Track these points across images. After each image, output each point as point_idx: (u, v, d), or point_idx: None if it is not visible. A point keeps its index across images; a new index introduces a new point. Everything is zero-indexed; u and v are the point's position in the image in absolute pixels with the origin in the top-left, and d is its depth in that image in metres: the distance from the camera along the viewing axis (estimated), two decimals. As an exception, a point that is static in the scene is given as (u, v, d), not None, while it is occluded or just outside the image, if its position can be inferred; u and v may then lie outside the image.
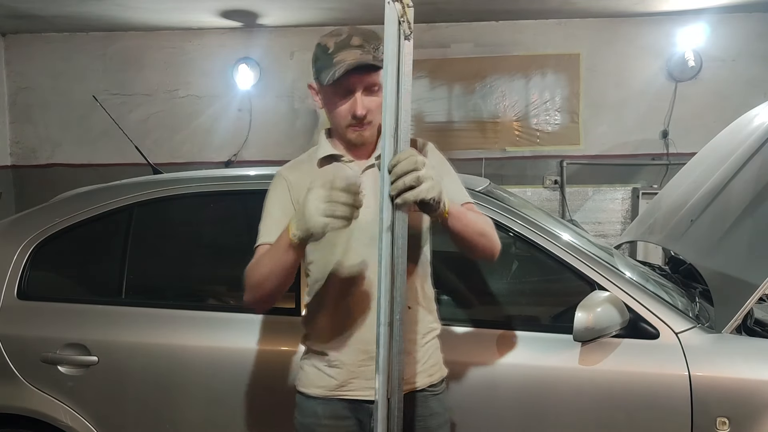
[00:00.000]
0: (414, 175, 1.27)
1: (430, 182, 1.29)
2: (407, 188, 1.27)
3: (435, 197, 1.31)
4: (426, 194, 1.29)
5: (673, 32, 5.63)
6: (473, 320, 2.16)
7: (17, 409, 2.18)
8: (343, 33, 1.51)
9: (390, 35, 1.25)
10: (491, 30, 5.83)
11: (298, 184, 1.57)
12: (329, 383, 1.60)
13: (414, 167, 1.28)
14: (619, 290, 2.00)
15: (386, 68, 1.28)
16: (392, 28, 1.25)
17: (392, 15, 1.24)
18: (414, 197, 1.28)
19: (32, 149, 6.17)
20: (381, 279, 1.31)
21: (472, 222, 1.52)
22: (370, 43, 1.50)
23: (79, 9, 5.14)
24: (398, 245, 1.31)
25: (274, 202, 1.60)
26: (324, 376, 1.61)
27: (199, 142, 5.99)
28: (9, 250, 2.30)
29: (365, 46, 1.49)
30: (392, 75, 1.27)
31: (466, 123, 5.90)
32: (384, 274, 1.31)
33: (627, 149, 5.82)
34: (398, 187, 1.27)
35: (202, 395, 2.11)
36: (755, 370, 1.90)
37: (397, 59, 1.27)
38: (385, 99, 1.29)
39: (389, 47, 1.26)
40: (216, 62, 5.95)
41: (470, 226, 1.51)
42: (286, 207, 1.57)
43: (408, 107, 1.30)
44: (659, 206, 3.17)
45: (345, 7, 5.13)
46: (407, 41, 1.27)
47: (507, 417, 2.00)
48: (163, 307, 2.21)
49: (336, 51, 1.49)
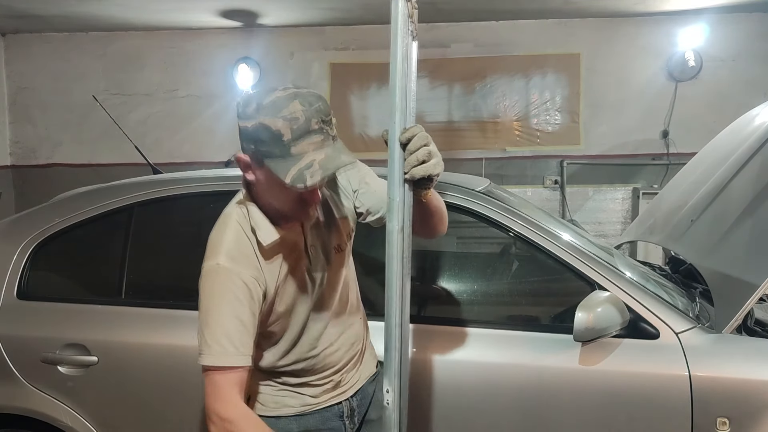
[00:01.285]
0: (425, 150, 1.24)
1: (437, 157, 1.27)
2: (420, 163, 1.23)
3: (440, 173, 1.29)
4: (434, 169, 1.26)
5: (673, 32, 5.63)
6: (473, 320, 2.15)
7: (17, 409, 2.18)
8: (297, 115, 1.27)
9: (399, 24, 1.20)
10: (491, 30, 5.82)
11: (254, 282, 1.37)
12: (304, 400, 1.57)
13: (426, 142, 1.24)
14: (619, 290, 2.00)
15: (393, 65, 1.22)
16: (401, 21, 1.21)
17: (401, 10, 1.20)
18: (424, 172, 1.24)
19: (32, 149, 6.17)
20: (393, 281, 1.26)
21: (440, 198, 1.52)
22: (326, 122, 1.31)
23: (79, 9, 5.14)
24: (406, 244, 1.29)
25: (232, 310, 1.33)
26: (297, 395, 1.57)
27: (199, 142, 6.00)
28: (9, 250, 2.30)
29: (324, 128, 1.30)
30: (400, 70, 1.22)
31: (466, 123, 5.90)
32: (396, 274, 1.25)
33: (627, 149, 5.82)
34: (411, 163, 1.23)
35: (202, 395, 2.11)
36: (755, 370, 1.89)
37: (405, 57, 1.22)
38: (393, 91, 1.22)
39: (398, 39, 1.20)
40: (216, 62, 5.95)
41: (441, 202, 1.52)
42: (253, 312, 1.36)
43: (413, 104, 1.26)
44: (659, 206, 3.16)
45: (345, 7, 5.13)
46: (414, 42, 1.25)
47: (507, 417, 2.00)
48: (163, 307, 2.21)
49: (295, 140, 1.27)
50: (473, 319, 2.18)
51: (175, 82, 6.04)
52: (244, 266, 1.37)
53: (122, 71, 6.03)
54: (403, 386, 1.34)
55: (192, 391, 2.10)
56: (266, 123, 1.28)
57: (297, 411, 1.57)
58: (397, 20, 1.20)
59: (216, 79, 5.97)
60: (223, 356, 1.32)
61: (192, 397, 2.11)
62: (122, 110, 5.85)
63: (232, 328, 1.33)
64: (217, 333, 1.32)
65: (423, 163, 1.24)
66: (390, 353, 1.25)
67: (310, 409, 1.58)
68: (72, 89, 6.01)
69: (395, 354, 1.25)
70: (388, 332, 1.26)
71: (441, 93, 5.89)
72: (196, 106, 6.03)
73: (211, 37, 5.95)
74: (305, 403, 1.58)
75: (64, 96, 6.04)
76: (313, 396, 1.59)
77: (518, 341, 2.04)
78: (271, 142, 1.28)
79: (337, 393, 1.62)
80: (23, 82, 6.12)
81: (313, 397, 1.59)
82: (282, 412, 1.57)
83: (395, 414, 1.29)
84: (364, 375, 1.69)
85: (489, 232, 2.28)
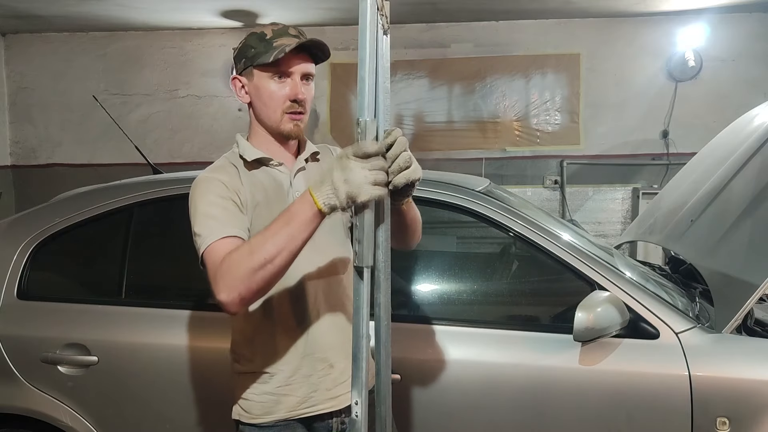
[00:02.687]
0: (406, 155, 1.22)
1: (415, 162, 1.25)
2: (401, 170, 1.21)
3: (419, 179, 1.27)
4: (414, 175, 1.24)
5: (673, 32, 5.63)
6: (473, 320, 2.16)
7: (17, 409, 2.18)
8: (278, 24, 1.53)
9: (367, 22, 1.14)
10: (491, 30, 5.83)
11: (233, 184, 1.48)
12: (289, 403, 1.52)
13: (405, 147, 1.22)
14: (619, 290, 2.00)
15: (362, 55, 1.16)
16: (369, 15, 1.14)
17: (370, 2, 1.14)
18: (405, 179, 1.22)
19: (32, 149, 6.17)
20: (361, 290, 1.19)
21: (416, 209, 1.51)
22: (304, 36, 1.51)
23: (79, 9, 5.14)
24: (384, 247, 1.24)
25: (212, 200, 1.43)
26: (282, 398, 1.52)
27: (199, 142, 6.00)
28: (9, 250, 2.30)
29: (301, 36, 1.50)
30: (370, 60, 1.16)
31: (466, 123, 5.90)
32: (365, 284, 1.19)
33: (627, 149, 5.82)
34: (393, 171, 1.21)
35: (202, 395, 2.11)
36: (755, 370, 1.89)
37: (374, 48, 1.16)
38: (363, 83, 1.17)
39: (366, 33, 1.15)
40: (216, 62, 5.95)
41: (417, 212, 1.51)
42: (235, 202, 1.45)
43: (387, 102, 1.23)
44: (659, 206, 3.16)
45: (345, 7, 5.13)
46: (385, 36, 1.21)
47: (507, 417, 2.00)
48: (163, 307, 2.21)
49: (275, 37, 1.49)
50: (473, 318, 2.18)
51: (175, 82, 6.04)
52: (221, 174, 1.50)
53: (122, 71, 6.03)
54: (383, 397, 1.28)
55: (192, 391, 2.11)
56: (252, 32, 1.53)
57: (282, 417, 1.52)
58: (366, 14, 1.14)
59: (216, 79, 5.97)
60: (210, 235, 1.38)
61: (192, 397, 2.11)
62: (122, 110, 5.86)
63: (216, 212, 1.42)
64: (203, 221, 1.41)
65: (405, 170, 1.22)
66: (358, 362, 1.21)
67: (295, 415, 1.52)
68: (72, 89, 6.01)
69: (363, 364, 1.21)
70: (355, 343, 1.21)
71: (441, 93, 5.89)
72: (196, 106, 6.03)
73: (211, 37, 5.96)
74: (290, 407, 1.52)
75: (64, 96, 6.04)
76: (300, 400, 1.52)
77: (518, 341, 2.04)
78: (257, 43, 1.49)
79: (328, 398, 1.54)
80: (23, 82, 6.12)
81: (299, 401, 1.52)
82: (266, 420, 1.52)
83: (364, 428, 1.22)
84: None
85: (489, 232, 2.28)
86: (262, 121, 1.55)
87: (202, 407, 2.12)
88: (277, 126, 1.53)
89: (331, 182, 1.22)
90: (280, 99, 1.50)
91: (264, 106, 1.53)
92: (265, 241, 1.28)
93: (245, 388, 1.54)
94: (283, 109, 1.51)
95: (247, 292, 1.29)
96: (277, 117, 1.52)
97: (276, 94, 1.50)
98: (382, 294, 1.25)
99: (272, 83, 1.50)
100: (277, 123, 1.53)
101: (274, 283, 1.32)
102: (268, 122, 1.54)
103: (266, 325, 1.53)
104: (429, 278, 2.37)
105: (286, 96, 1.50)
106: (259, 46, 1.49)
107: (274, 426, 1.52)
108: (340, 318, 1.57)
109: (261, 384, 1.53)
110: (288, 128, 1.52)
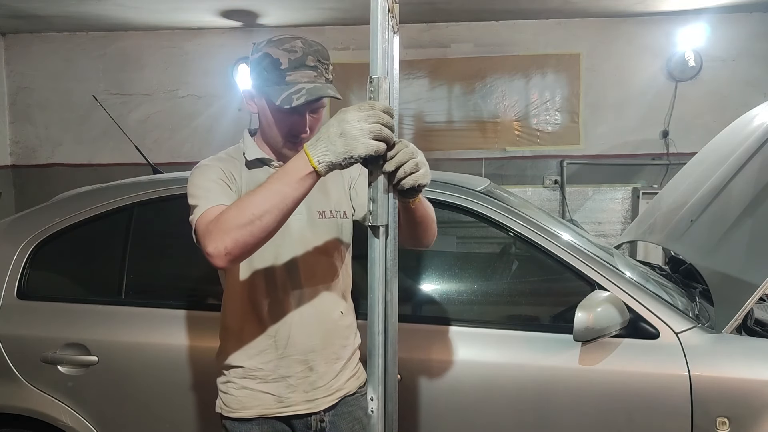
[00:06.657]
0: (413, 162, 1.22)
1: (425, 167, 1.26)
2: (407, 174, 1.22)
3: (427, 183, 1.28)
4: (423, 179, 1.25)
5: (673, 32, 5.63)
6: (473, 320, 2.16)
7: (17, 409, 2.18)
8: (297, 49, 1.45)
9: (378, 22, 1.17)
10: (491, 30, 5.83)
11: (231, 173, 1.49)
12: (265, 401, 1.53)
13: (412, 156, 1.23)
14: (619, 290, 2.00)
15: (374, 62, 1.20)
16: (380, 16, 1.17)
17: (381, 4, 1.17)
18: (413, 182, 1.23)
19: (32, 149, 6.17)
20: (375, 286, 1.21)
21: (429, 206, 1.50)
22: (323, 63, 1.46)
23: (79, 9, 5.14)
24: (391, 247, 1.25)
25: (209, 178, 1.45)
26: (259, 395, 1.54)
27: (199, 142, 6.00)
28: (9, 250, 2.30)
29: (318, 67, 1.46)
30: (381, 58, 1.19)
31: (466, 123, 5.90)
32: (378, 280, 1.21)
33: (627, 149, 5.82)
34: (399, 177, 1.22)
35: (202, 395, 2.11)
36: (755, 370, 1.89)
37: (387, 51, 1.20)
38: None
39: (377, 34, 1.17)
40: (216, 62, 5.95)
41: (429, 209, 1.50)
42: (230, 186, 1.46)
43: (396, 102, 1.25)
44: (659, 206, 3.16)
45: (345, 7, 5.13)
46: (395, 36, 1.22)
47: (507, 417, 2.00)
48: (163, 307, 2.21)
49: (290, 69, 1.43)
50: (473, 318, 2.18)
51: (175, 82, 6.04)
52: (221, 162, 1.51)
53: (122, 71, 6.03)
54: (390, 394, 1.29)
55: (192, 391, 2.11)
56: (268, 52, 1.46)
57: (258, 413, 1.53)
58: (377, 15, 1.15)
59: (216, 79, 5.97)
60: (205, 204, 1.38)
61: (192, 398, 2.11)
62: (122, 110, 5.86)
63: (212, 186, 1.43)
64: (198, 193, 1.41)
65: (411, 174, 1.22)
66: (374, 359, 1.21)
67: (271, 413, 1.53)
68: (72, 89, 6.01)
69: (379, 360, 1.21)
70: (371, 339, 1.22)
71: (441, 93, 5.89)
72: (196, 106, 6.03)
73: (211, 37, 5.96)
74: (266, 405, 1.53)
75: (64, 96, 6.04)
76: (277, 399, 1.53)
77: (518, 341, 2.05)
78: (270, 69, 1.45)
79: (305, 400, 1.55)
80: (23, 82, 6.12)
81: (276, 400, 1.53)
82: (243, 414, 1.54)
83: (380, 423, 1.24)
84: (345, 389, 1.61)
85: (489, 232, 2.28)
86: (264, 133, 1.55)
87: (201, 407, 2.12)
88: (278, 148, 1.54)
89: (327, 137, 1.19)
90: (283, 129, 1.50)
91: (268, 128, 1.52)
92: (255, 197, 1.26)
93: (226, 382, 1.58)
94: (285, 137, 1.51)
95: (233, 245, 1.25)
96: (279, 141, 1.52)
97: (279, 124, 1.49)
98: (389, 291, 1.26)
99: (278, 113, 1.48)
100: (279, 146, 1.53)
101: (261, 241, 1.28)
102: (270, 141, 1.54)
103: (249, 321, 1.55)
104: (429, 278, 2.37)
105: (290, 129, 1.49)
106: (272, 75, 1.45)
107: (252, 420, 1.54)
108: (325, 323, 1.58)
109: (239, 379, 1.56)
110: (288, 152, 1.51)
